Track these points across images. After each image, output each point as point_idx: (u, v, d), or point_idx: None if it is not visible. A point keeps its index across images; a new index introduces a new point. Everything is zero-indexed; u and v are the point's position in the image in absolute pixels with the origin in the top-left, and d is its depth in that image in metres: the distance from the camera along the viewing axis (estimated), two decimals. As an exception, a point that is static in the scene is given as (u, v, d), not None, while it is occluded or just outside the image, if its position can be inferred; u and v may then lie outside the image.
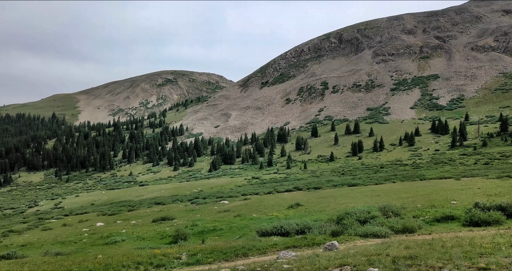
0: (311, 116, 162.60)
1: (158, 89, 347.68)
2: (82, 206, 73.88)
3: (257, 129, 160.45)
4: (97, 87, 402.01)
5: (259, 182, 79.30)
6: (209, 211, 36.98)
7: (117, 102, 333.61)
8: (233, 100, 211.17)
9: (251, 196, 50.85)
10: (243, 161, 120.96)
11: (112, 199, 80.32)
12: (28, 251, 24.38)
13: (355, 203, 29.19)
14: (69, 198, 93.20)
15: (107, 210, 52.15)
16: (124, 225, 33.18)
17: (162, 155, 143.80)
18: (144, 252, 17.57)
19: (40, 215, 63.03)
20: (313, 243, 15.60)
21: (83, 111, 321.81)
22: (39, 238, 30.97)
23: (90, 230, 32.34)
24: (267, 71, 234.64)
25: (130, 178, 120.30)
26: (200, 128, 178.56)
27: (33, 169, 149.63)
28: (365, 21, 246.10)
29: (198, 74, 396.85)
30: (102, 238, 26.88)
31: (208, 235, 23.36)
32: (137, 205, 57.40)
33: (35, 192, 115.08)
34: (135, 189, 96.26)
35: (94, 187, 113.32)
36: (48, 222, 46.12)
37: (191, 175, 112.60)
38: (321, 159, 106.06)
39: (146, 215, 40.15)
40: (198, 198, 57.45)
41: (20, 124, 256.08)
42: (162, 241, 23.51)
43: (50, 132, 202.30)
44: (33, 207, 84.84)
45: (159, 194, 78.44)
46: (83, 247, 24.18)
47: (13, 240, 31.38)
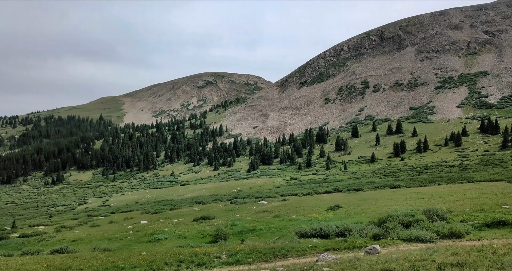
0: (351, 116, 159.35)
1: (199, 91, 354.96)
2: (127, 204, 76.95)
3: (295, 130, 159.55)
4: (141, 90, 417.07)
5: (298, 182, 78.81)
6: (248, 211, 37.27)
7: (160, 104, 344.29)
8: (271, 101, 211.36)
9: (290, 196, 50.68)
10: (281, 161, 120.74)
11: (155, 198, 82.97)
12: (79, 246, 25.75)
13: (398, 206, 28.30)
14: (115, 196, 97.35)
15: (150, 209, 53.95)
16: (166, 224, 34.17)
17: (202, 155, 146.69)
18: (185, 250, 18.04)
19: (89, 212, 66.42)
20: (354, 246, 15.32)
21: (128, 113, 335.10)
22: (88, 234, 32.61)
23: (135, 227, 33.60)
24: (305, 71, 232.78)
25: (172, 178, 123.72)
26: (239, 129, 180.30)
27: (82, 168, 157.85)
28: (408, 18, 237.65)
29: (237, 76, 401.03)
30: (146, 235, 27.86)
31: (247, 235, 23.55)
32: (178, 204, 58.94)
33: (84, 190, 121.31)
34: (176, 188, 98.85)
35: (138, 186, 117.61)
36: (96, 219, 48.49)
37: (230, 175, 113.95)
38: (361, 160, 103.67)
39: (187, 214, 41.14)
40: (237, 197, 58.05)
41: (71, 126, 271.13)
42: (203, 240, 23.99)
43: (97, 134, 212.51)
44: (82, 205, 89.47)
45: (199, 193, 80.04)
46: (128, 244, 25.18)
47: (65, 235, 33.24)
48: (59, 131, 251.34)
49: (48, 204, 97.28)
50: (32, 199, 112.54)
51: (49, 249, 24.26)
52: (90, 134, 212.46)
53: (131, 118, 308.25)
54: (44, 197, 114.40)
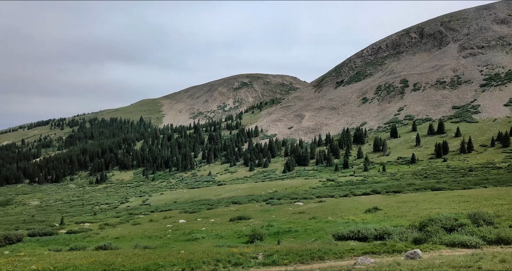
0: (389, 116, 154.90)
1: (235, 93, 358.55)
2: (166, 203, 79.07)
3: (332, 130, 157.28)
4: (179, 92, 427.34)
5: (334, 184, 77.65)
6: (284, 212, 37.20)
7: (197, 106, 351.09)
8: (307, 101, 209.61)
9: (326, 198, 50.05)
10: (317, 162, 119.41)
11: (192, 197, 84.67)
12: (121, 243, 26.78)
13: (440, 209, 27.22)
14: (154, 196, 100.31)
15: (188, 208, 55.13)
16: (203, 223, 34.80)
17: (238, 155, 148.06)
18: (222, 250, 18.31)
19: (130, 210, 68.86)
20: (393, 250, 14.91)
21: (167, 115, 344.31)
22: (129, 231, 33.83)
23: (174, 226, 34.47)
24: (342, 70, 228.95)
25: (209, 178, 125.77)
26: (274, 129, 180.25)
27: (124, 168, 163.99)
28: (450, 13, 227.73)
29: (272, 77, 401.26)
30: (184, 234, 28.51)
31: (283, 236, 23.52)
32: (215, 203, 59.82)
33: (125, 189, 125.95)
34: (213, 188, 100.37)
35: (177, 185, 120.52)
36: (137, 218, 50.20)
37: (265, 176, 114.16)
38: (401, 161, 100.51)
39: (223, 214, 41.68)
40: (273, 198, 58.07)
41: (113, 128, 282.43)
42: (239, 240, 24.21)
43: (138, 135, 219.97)
44: (124, 203, 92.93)
45: (235, 193, 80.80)
46: (167, 242, 25.88)
47: (108, 233, 34.67)
48: (102, 133, 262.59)
49: (92, 202, 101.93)
50: (78, 197, 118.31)
51: (94, 245, 25.43)
52: (131, 135, 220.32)
53: (169, 120, 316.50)
54: (89, 195, 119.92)
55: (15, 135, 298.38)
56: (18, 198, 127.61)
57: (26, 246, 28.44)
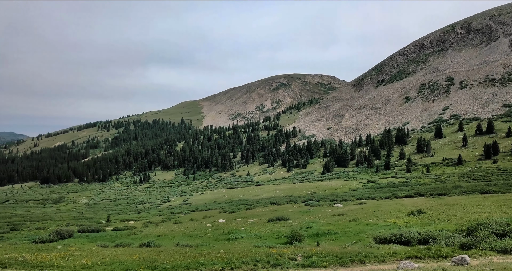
0: (434, 116, 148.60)
1: (272, 94, 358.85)
2: (206, 203, 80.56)
3: (372, 131, 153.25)
4: (218, 94, 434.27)
5: (375, 186, 75.64)
6: (323, 214, 36.77)
7: (236, 107, 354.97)
8: (346, 101, 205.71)
9: (367, 200, 48.90)
10: (358, 163, 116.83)
11: (231, 197, 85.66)
12: (163, 241, 27.64)
13: (490, 213, 25.79)
14: (195, 195, 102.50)
15: (228, 208, 55.85)
16: (242, 223, 35.13)
17: (276, 156, 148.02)
18: (261, 250, 18.41)
19: (172, 209, 70.82)
20: (439, 255, 14.33)
21: (207, 116, 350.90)
22: (171, 230, 34.82)
23: (213, 225, 35.08)
24: (383, 69, 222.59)
25: (247, 178, 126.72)
26: (313, 130, 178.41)
27: (166, 168, 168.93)
28: (500, 6, 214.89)
29: (311, 77, 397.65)
30: (223, 234, 28.95)
31: (322, 238, 23.27)
32: (254, 204, 60.18)
33: (167, 189, 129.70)
34: (252, 188, 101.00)
35: (216, 185, 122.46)
36: (178, 216, 51.56)
37: (304, 177, 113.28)
38: (446, 162, 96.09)
39: (262, 214, 41.84)
40: (312, 199, 57.54)
41: (156, 129, 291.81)
42: (278, 240, 24.22)
43: (179, 136, 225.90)
44: (166, 202, 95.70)
45: (274, 194, 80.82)
46: (207, 241, 26.39)
47: (151, 231, 35.87)
48: (145, 134, 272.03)
49: (136, 201, 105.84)
50: (123, 196, 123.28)
51: (138, 243, 26.44)
52: (173, 136, 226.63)
53: (209, 121, 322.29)
54: (133, 194, 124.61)
55: (66, 137, 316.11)
56: (69, 196, 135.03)
57: (76, 241, 30.07)
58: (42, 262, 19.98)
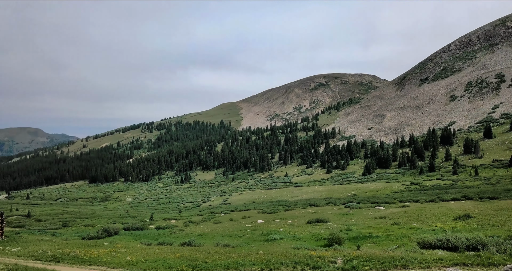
0: (482, 115, 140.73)
1: (311, 94, 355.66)
2: (245, 203, 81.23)
3: (416, 131, 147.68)
4: (256, 95, 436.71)
5: (419, 188, 72.88)
6: (363, 216, 35.97)
7: (274, 108, 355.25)
8: (388, 100, 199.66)
9: (410, 203, 47.27)
10: (400, 165, 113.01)
11: (270, 198, 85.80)
12: (203, 240, 28.22)
13: (547, 219, 24.10)
14: (234, 195, 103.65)
15: (266, 208, 56.03)
16: (281, 224, 35.12)
17: (315, 157, 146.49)
18: (300, 252, 18.33)
19: (212, 209, 72.08)
20: (489, 263, 13.59)
21: (245, 118, 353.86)
22: (211, 229, 35.46)
23: (252, 226, 35.33)
24: (426, 66, 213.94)
25: (285, 179, 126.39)
26: (353, 130, 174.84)
27: (206, 168, 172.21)
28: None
29: (350, 76, 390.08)
30: (262, 235, 29.09)
31: (363, 241, 22.79)
32: (292, 205, 59.96)
33: (207, 189, 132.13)
34: (290, 189, 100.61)
35: (255, 186, 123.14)
36: (218, 216, 52.40)
37: (343, 178, 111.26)
38: (497, 164, 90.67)
39: (301, 216, 41.60)
40: (352, 202, 56.44)
41: (196, 130, 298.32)
42: (317, 243, 24.00)
43: (219, 137, 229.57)
44: (206, 202, 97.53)
45: (312, 195, 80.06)
46: (246, 241, 26.63)
47: (192, 230, 36.73)
48: (186, 135, 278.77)
49: (178, 200, 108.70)
50: (165, 195, 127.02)
51: (179, 241, 27.18)
52: (213, 137, 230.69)
53: (248, 122, 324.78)
54: (175, 194, 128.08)
55: (112, 138, 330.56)
56: (115, 194, 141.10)
57: (121, 238, 31.39)
58: (91, 257, 21.07)
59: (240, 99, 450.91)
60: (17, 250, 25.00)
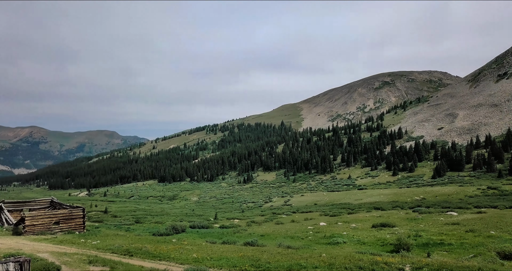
0: None
1: (375, 93, 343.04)
2: (307, 205, 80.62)
3: (493, 131, 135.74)
4: (317, 96, 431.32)
5: (498, 193, 66.95)
6: (433, 222, 33.97)
7: (335, 108, 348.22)
8: (460, 98, 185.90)
9: (487, 209, 43.68)
10: (475, 167, 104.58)
11: (332, 201, 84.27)
12: (266, 241, 28.54)
13: None
14: (295, 197, 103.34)
15: (329, 211, 55.15)
16: (344, 227, 34.37)
17: (380, 159, 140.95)
18: (365, 257, 17.83)
19: (274, 210, 72.57)
20: None
21: (306, 119, 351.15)
22: (273, 230, 35.74)
23: (314, 228, 35.01)
24: (505, 61, 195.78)
25: (348, 181, 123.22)
26: (421, 131, 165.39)
27: (267, 169, 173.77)
28: None
29: (418, 73, 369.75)
30: (325, 237, 28.71)
31: (433, 249, 21.55)
32: (356, 208, 58.34)
33: (269, 190, 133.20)
34: (353, 192, 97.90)
35: (316, 188, 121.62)
36: (279, 217, 52.65)
37: (411, 181, 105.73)
38: None
39: (365, 219, 40.35)
40: (421, 206, 53.56)
41: (258, 132, 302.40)
42: (383, 248, 23.15)
43: (279, 138, 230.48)
44: (268, 203, 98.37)
45: (377, 198, 77.19)
46: (308, 243, 26.47)
47: (254, 230, 37.31)
48: (248, 137, 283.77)
49: (240, 200, 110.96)
50: (228, 195, 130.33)
51: (242, 241, 27.78)
52: (273, 139, 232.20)
53: (308, 123, 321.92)
54: (238, 193, 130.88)
55: (179, 140, 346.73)
56: (182, 193, 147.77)
57: (188, 236, 32.86)
58: (160, 253, 22.36)
59: (300, 100, 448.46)
60: (97, 243, 27.29)
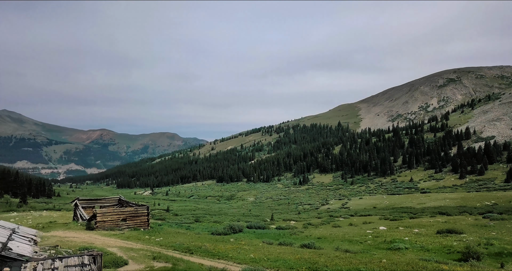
0: None
1: (439, 91, 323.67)
2: (365, 208, 78.23)
3: None
4: (376, 95, 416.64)
5: None
6: (507, 230, 31.35)
7: (396, 108, 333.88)
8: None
9: None
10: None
11: (392, 204, 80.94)
12: (322, 244, 28.18)
13: None
14: (353, 200, 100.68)
15: (389, 215, 53.07)
16: (406, 232, 32.91)
17: (445, 161, 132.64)
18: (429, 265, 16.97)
19: (330, 212, 71.34)
20: None
21: (364, 119, 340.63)
22: (330, 233, 35.16)
23: (374, 232, 33.89)
24: None
25: (410, 184, 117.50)
26: (492, 131, 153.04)
27: (323, 171, 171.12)
28: None
29: (487, 69, 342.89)
30: (385, 242, 27.69)
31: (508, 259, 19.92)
32: (418, 212, 55.57)
33: (325, 192, 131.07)
34: (416, 195, 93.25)
35: (376, 191, 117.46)
36: (337, 220, 51.65)
37: (481, 185, 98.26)
38: None
39: (429, 225, 38.30)
40: (492, 212, 49.68)
41: (313, 133, 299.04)
42: (449, 256, 21.84)
43: (336, 139, 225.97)
44: (324, 205, 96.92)
45: (442, 203, 72.81)
46: (367, 248, 25.70)
47: (311, 232, 36.97)
48: (304, 138, 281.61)
49: (296, 202, 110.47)
50: (284, 196, 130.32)
51: (299, 243, 27.69)
52: (330, 140, 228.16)
53: (367, 124, 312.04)
54: (293, 195, 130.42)
55: (236, 141, 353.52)
56: (239, 194, 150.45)
57: (245, 236, 33.41)
58: (219, 252, 23.02)
59: (358, 100, 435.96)
60: (160, 240, 28.74)
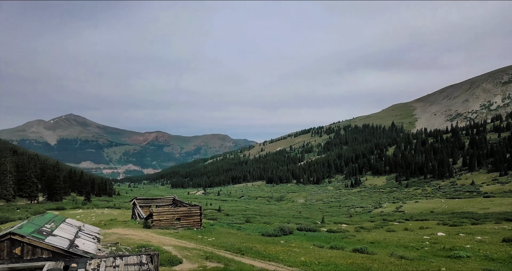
0: None
1: (504, 88, 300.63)
2: (422, 212, 74.64)
3: None
4: (433, 94, 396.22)
5: None
6: None
7: (455, 107, 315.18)
8: None
9: None
10: None
11: (452, 209, 76.54)
12: (376, 249, 27.32)
13: None
14: (408, 203, 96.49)
15: (448, 220, 50.26)
16: (467, 240, 30.98)
17: (511, 163, 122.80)
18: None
19: (384, 216, 68.90)
20: None
21: (420, 119, 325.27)
22: (384, 238, 33.98)
23: (431, 238, 32.27)
24: None
25: (471, 188, 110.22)
26: None
27: (376, 173, 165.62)
28: None
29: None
30: (444, 249, 26.29)
31: None
32: (481, 218, 52.04)
33: (378, 195, 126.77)
34: (478, 200, 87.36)
35: (433, 194, 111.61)
36: (391, 224, 49.79)
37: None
38: None
39: (494, 232, 35.73)
40: None
41: (365, 134, 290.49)
42: (517, 267, 20.24)
43: (390, 140, 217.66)
44: (377, 208, 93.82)
45: (509, 208, 67.57)
46: (424, 255, 24.54)
47: (363, 236, 35.97)
48: (355, 139, 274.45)
49: (348, 205, 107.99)
50: (335, 199, 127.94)
51: (351, 247, 27.10)
52: (383, 141, 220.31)
53: (423, 124, 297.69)
54: (345, 198, 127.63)
55: (285, 142, 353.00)
56: (288, 195, 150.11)
57: (295, 238, 33.28)
58: (269, 254, 23.16)
59: (413, 99, 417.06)
60: (212, 240, 29.49)
